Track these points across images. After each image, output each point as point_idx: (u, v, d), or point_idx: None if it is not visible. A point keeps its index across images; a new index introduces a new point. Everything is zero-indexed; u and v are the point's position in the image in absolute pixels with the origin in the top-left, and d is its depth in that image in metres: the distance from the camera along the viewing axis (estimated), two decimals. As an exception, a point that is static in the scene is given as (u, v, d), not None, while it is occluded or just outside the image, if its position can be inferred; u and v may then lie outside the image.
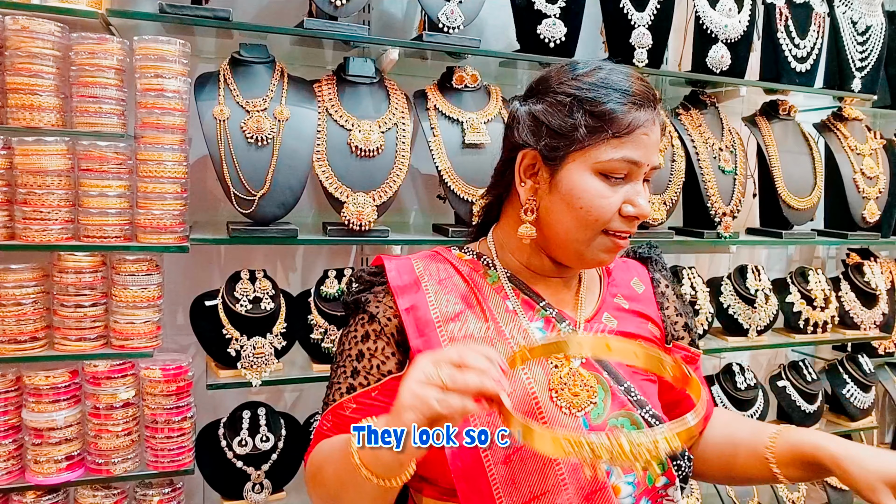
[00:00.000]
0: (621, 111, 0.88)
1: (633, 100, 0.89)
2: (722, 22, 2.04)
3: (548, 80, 0.95)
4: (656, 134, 0.92)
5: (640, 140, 0.89)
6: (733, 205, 2.13)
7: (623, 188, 0.90)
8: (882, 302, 2.46)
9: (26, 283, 1.52)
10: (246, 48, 1.68)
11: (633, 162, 0.89)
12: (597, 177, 0.90)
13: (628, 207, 0.90)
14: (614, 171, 0.89)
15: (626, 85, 0.90)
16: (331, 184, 1.69)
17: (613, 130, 0.88)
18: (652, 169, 0.93)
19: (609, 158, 0.89)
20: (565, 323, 0.96)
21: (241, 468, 1.73)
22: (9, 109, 1.47)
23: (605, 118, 0.88)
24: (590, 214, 0.90)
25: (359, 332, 0.95)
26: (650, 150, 0.91)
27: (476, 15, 1.82)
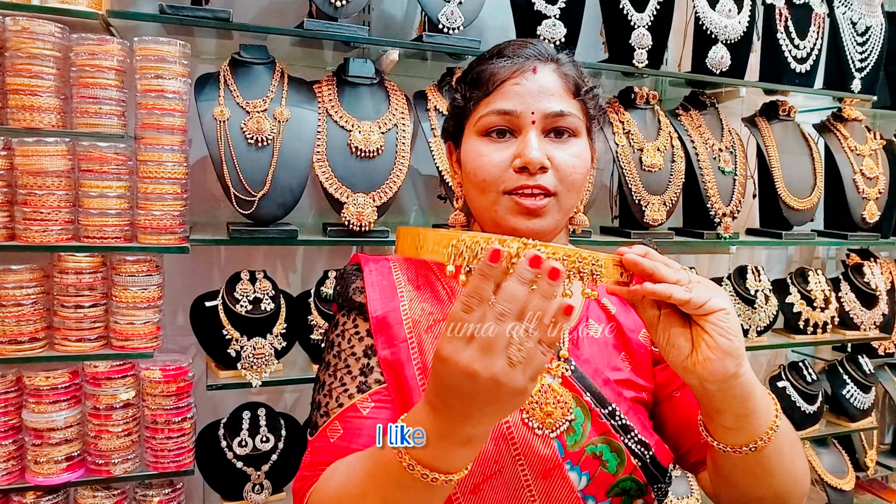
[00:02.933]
0: (489, 68, 0.88)
1: (503, 56, 0.89)
2: (722, 23, 2.04)
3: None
4: (539, 81, 0.86)
5: (510, 90, 0.86)
6: (733, 205, 2.13)
7: (513, 144, 0.87)
8: (882, 302, 2.46)
9: (26, 284, 1.52)
10: (246, 49, 1.68)
11: (506, 112, 0.86)
12: (480, 138, 0.88)
13: (517, 160, 0.85)
14: (490, 127, 0.87)
15: (503, 48, 0.91)
16: (331, 184, 1.69)
17: (485, 89, 0.88)
18: (554, 117, 0.86)
19: (479, 116, 0.88)
20: None
21: (241, 469, 1.74)
22: (9, 110, 1.47)
23: (475, 81, 0.90)
24: (477, 175, 0.87)
25: (360, 326, 0.90)
26: (528, 97, 0.86)
27: (476, 16, 1.82)
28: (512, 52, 0.89)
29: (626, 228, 2.05)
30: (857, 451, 2.62)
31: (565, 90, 0.88)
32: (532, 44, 0.91)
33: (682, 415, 0.93)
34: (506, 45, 0.92)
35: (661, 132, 2.06)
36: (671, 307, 0.75)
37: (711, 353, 0.72)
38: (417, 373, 0.85)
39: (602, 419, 0.86)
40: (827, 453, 2.52)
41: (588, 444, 0.85)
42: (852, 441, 2.63)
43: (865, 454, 2.60)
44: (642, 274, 0.74)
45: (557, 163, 0.86)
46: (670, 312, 0.76)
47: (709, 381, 0.73)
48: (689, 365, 0.73)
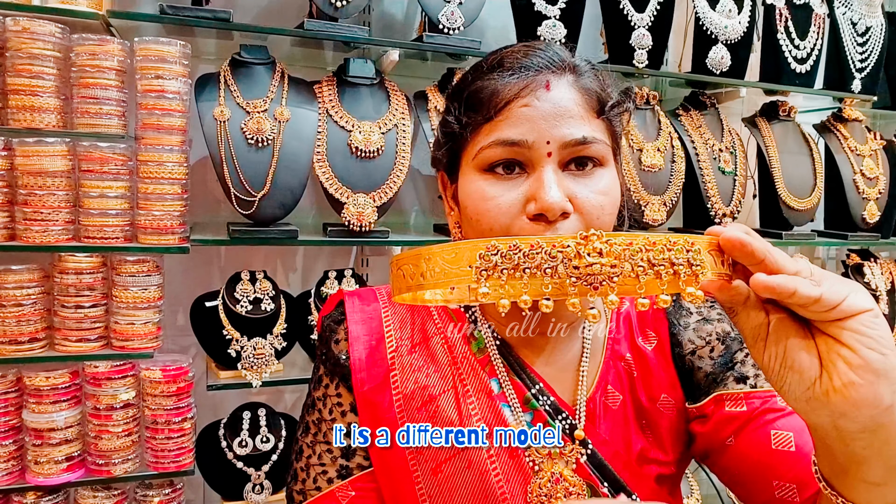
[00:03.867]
0: (489, 86, 0.69)
1: (507, 69, 0.69)
2: (722, 23, 2.04)
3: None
4: (554, 100, 0.68)
5: (518, 114, 0.67)
6: (733, 206, 2.13)
7: (525, 182, 0.68)
8: (882, 303, 2.46)
9: (27, 284, 1.52)
10: (246, 49, 1.68)
11: (513, 143, 0.67)
12: (482, 176, 0.70)
13: (531, 205, 0.67)
14: (494, 161, 0.68)
15: (506, 57, 0.71)
16: (331, 185, 1.69)
17: (483, 114, 0.69)
18: (575, 146, 0.68)
19: (480, 148, 0.69)
20: (560, 416, 0.75)
21: (241, 469, 1.73)
22: (9, 110, 1.47)
23: (472, 100, 0.70)
24: (480, 223, 0.69)
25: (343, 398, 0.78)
26: (541, 122, 0.67)
27: (476, 16, 1.82)
28: (516, 61, 0.70)
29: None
30: (857, 451, 2.62)
31: (587, 108, 0.70)
32: (540, 49, 0.72)
33: (746, 464, 0.72)
34: (508, 51, 0.72)
35: (662, 132, 2.06)
36: (785, 311, 0.54)
37: (856, 375, 0.49)
38: (409, 456, 0.74)
39: None
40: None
41: None
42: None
43: (866, 454, 2.59)
44: (750, 261, 0.52)
45: (581, 203, 0.67)
46: (784, 318, 0.53)
47: (851, 416, 0.50)
48: (817, 395, 0.51)
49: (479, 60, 0.75)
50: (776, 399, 0.73)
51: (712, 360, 0.78)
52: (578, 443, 0.74)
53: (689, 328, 0.80)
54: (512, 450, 0.74)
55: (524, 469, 0.73)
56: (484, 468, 0.73)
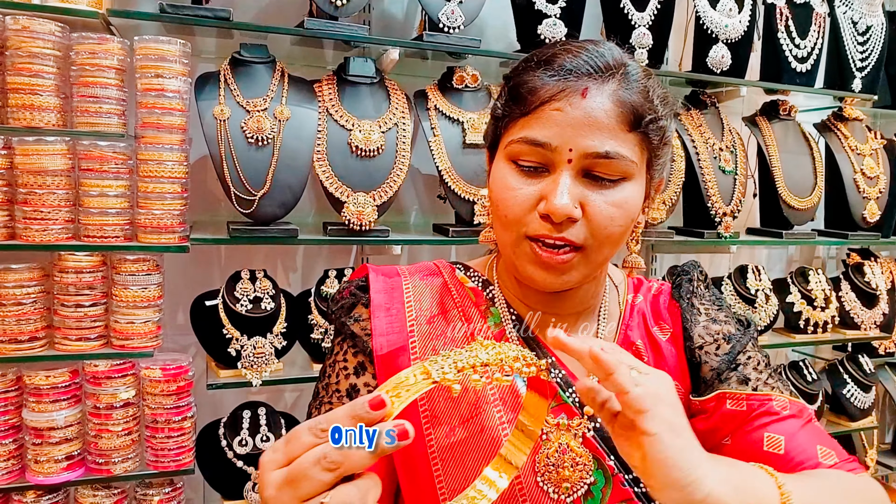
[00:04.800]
0: (530, 82, 0.72)
1: (549, 69, 0.71)
2: (722, 22, 2.04)
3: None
4: (586, 109, 0.69)
5: (549, 117, 0.70)
6: (733, 205, 2.13)
7: (543, 181, 0.71)
8: (882, 302, 2.46)
9: (27, 283, 1.52)
10: (246, 48, 1.68)
11: (539, 144, 0.70)
12: (509, 165, 0.73)
13: (542, 204, 0.70)
14: (519, 156, 0.72)
15: (556, 55, 0.72)
16: (331, 184, 1.69)
17: (519, 107, 0.72)
18: (597, 159, 0.70)
19: (510, 140, 0.73)
20: (571, 390, 0.78)
21: (241, 468, 1.73)
22: (9, 109, 1.47)
23: (514, 92, 0.73)
24: (499, 209, 0.74)
25: (348, 361, 0.80)
26: (569, 129, 0.69)
27: (476, 15, 1.82)
28: (563, 62, 0.71)
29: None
30: (857, 450, 2.62)
31: (619, 122, 0.70)
32: (592, 51, 0.72)
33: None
34: (560, 49, 0.73)
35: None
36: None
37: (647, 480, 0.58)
38: (424, 420, 0.77)
39: (625, 485, 0.76)
40: (827, 453, 2.52)
41: None
42: (853, 440, 2.63)
43: (866, 454, 2.60)
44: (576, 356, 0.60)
45: (591, 212, 0.70)
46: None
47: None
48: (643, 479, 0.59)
49: (534, 51, 0.77)
50: (773, 403, 0.78)
51: (718, 357, 0.82)
52: (587, 417, 0.77)
53: (699, 325, 0.85)
54: None
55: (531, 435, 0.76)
56: (496, 434, 0.76)
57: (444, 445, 0.77)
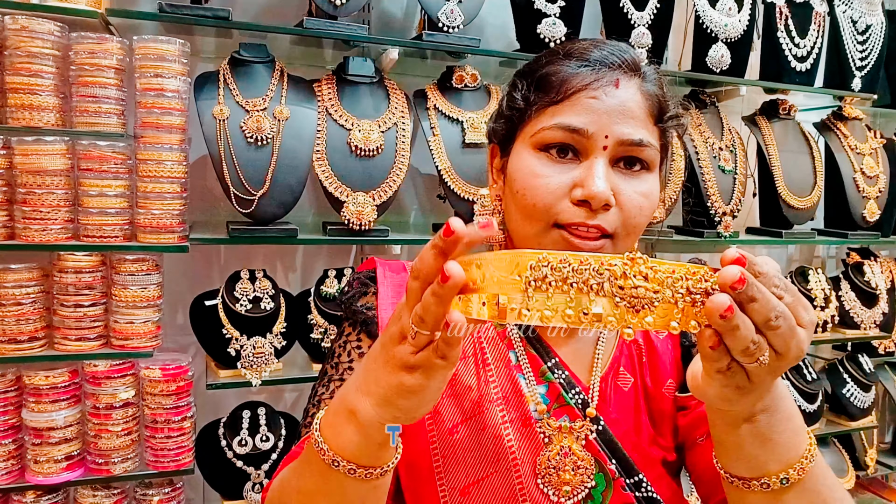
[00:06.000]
0: (562, 71, 0.73)
1: (582, 60, 0.73)
2: (722, 21, 2.04)
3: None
4: (620, 98, 0.71)
5: (584, 104, 0.71)
6: (733, 204, 2.13)
7: (575, 168, 0.72)
8: (882, 301, 2.46)
9: (26, 283, 1.52)
10: (246, 48, 1.68)
11: (574, 130, 0.71)
12: (536, 153, 0.73)
13: (577, 190, 0.70)
14: (552, 142, 0.72)
15: (584, 48, 0.74)
16: (330, 183, 1.68)
17: (549, 96, 0.73)
18: (630, 146, 0.71)
19: (541, 128, 0.73)
20: (575, 391, 0.79)
21: (241, 468, 1.73)
22: (8, 109, 1.47)
23: (542, 82, 0.74)
24: (525, 198, 0.72)
25: (362, 342, 0.81)
26: (604, 116, 0.70)
27: (476, 14, 1.82)
28: (592, 54, 0.74)
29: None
30: (857, 450, 2.62)
31: (647, 114, 0.74)
32: (616, 47, 0.75)
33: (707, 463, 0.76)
34: (585, 44, 0.76)
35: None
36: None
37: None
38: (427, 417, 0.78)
39: (626, 490, 0.76)
40: (827, 452, 2.52)
41: None
42: (852, 440, 2.63)
43: (865, 453, 2.60)
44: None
45: (623, 200, 0.71)
46: None
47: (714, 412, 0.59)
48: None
49: (554, 47, 0.80)
50: None
51: None
52: (590, 420, 0.78)
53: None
54: (525, 419, 0.77)
55: (535, 439, 0.76)
56: (497, 433, 0.76)
57: (445, 443, 0.77)
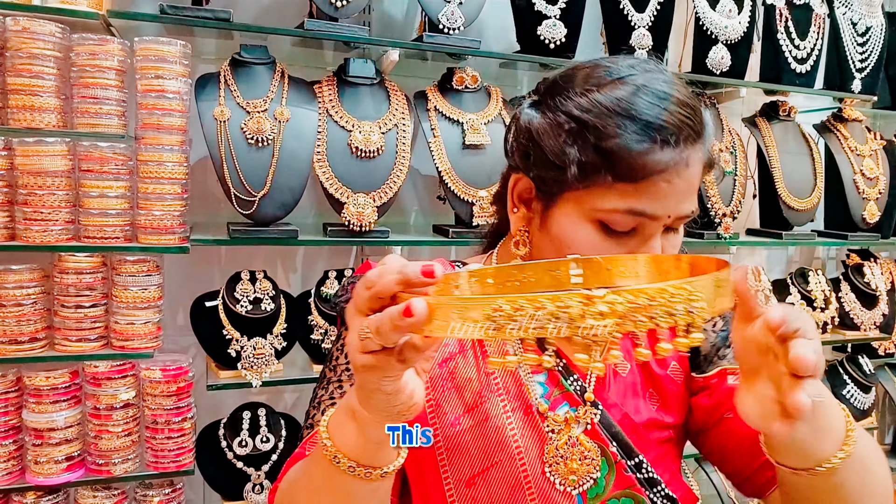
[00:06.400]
0: (634, 150, 0.67)
1: (657, 136, 0.67)
2: (722, 23, 2.04)
3: (561, 85, 0.74)
4: (688, 178, 0.69)
5: (657, 188, 0.68)
6: (733, 205, 2.13)
7: (632, 242, 0.71)
8: (882, 303, 2.46)
9: (27, 284, 1.52)
10: (246, 49, 1.68)
11: (645, 215, 0.69)
12: (593, 226, 0.71)
13: None
14: (616, 225, 0.70)
15: (652, 112, 0.68)
16: (331, 185, 1.69)
17: (619, 174, 0.68)
18: (679, 219, 0.72)
19: (610, 209, 0.69)
20: (573, 378, 0.81)
21: (241, 469, 1.74)
22: (9, 110, 1.47)
23: (610, 157, 0.68)
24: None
25: None
26: (672, 199, 0.69)
27: (476, 16, 1.82)
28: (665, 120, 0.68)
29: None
30: (857, 451, 2.62)
31: (701, 179, 0.74)
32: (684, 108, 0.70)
33: (739, 436, 0.79)
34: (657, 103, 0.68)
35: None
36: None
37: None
38: (429, 410, 0.78)
39: (627, 472, 0.79)
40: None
41: (610, 498, 0.78)
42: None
43: (865, 454, 2.60)
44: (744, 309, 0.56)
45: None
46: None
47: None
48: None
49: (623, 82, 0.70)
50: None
51: (715, 333, 0.85)
52: (590, 404, 0.80)
53: None
54: (527, 408, 0.78)
55: (539, 430, 0.78)
56: (500, 423, 0.78)
57: (448, 435, 0.78)
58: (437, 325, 0.48)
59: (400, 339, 0.51)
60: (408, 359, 0.52)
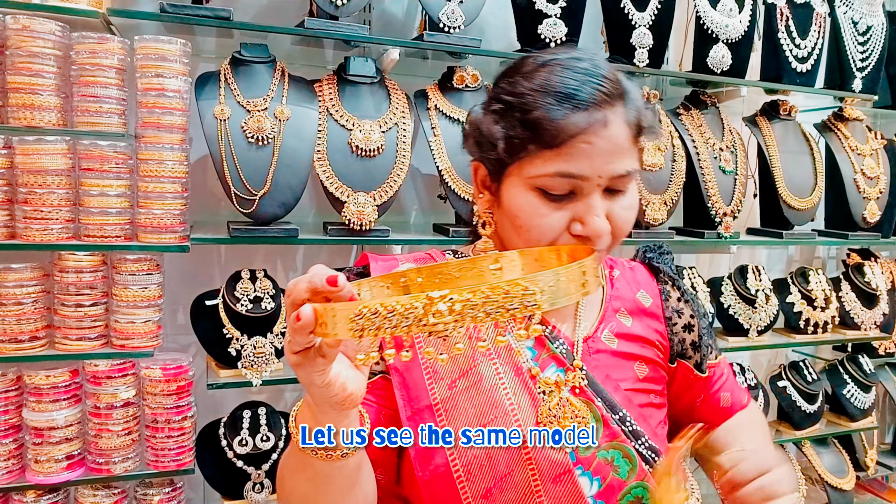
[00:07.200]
0: (552, 118, 0.75)
1: (571, 103, 0.75)
2: (723, 22, 2.04)
3: (498, 78, 0.84)
4: (609, 138, 0.76)
5: (578, 150, 0.75)
6: (734, 205, 2.13)
7: (572, 204, 0.78)
8: (882, 302, 2.46)
9: (27, 283, 1.52)
10: (247, 48, 1.68)
11: (572, 176, 0.76)
12: (534, 194, 0.78)
13: (576, 226, 0.78)
14: (551, 188, 0.77)
15: (568, 84, 0.76)
16: (331, 183, 1.69)
17: (542, 142, 0.76)
18: (618, 178, 0.78)
19: (542, 174, 0.77)
20: (559, 342, 0.87)
21: (241, 468, 1.73)
22: (10, 109, 1.47)
23: (534, 128, 0.76)
24: (529, 233, 0.79)
25: None
26: (598, 159, 0.76)
27: (477, 15, 1.82)
28: (579, 92, 0.76)
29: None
30: (857, 450, 2.62)
31: (630, 141, 0.79)
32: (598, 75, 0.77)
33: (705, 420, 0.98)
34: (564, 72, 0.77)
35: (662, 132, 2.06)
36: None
37: None
38: (427, 377, 0.83)
39: (613, 424, 0.85)
40: (827, 453, 2.52)
41: (600, 450, 0.84)
42: (852, 441, 2.63)
43: (866, 454, 2.60)
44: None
45: (614, 219, 0.79)
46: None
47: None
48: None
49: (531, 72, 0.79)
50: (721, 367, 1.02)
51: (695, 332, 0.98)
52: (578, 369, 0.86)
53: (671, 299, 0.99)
54: (517, 369, 0.84)
55: (531, 390, 0.84)
56: (493, 384, 0.83)
57: (446, 397, 0.83)
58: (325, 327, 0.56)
59: (308, 341, 0.58)
60: (326, 354, 0.60)
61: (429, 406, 0.82)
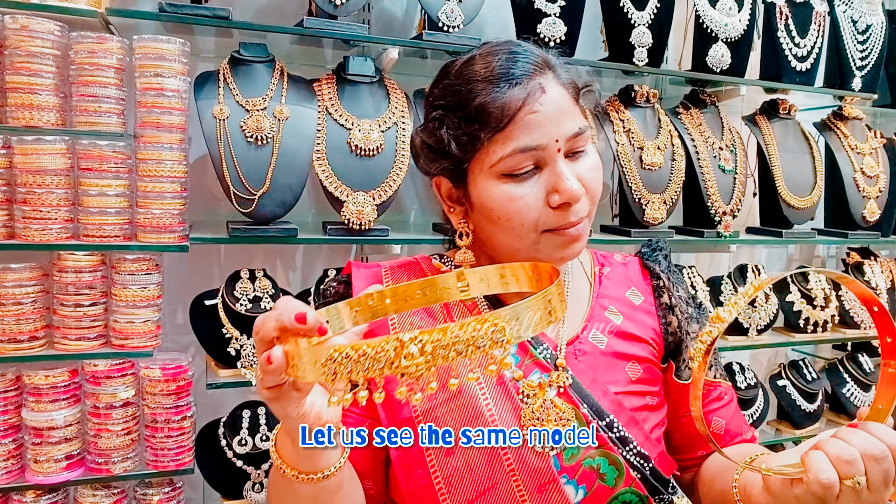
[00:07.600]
0: (493, 99, 0.76)
1: (502, 81, 0.77)
2: (722, 21, 2.04)
3: (426, 95, 0.86)
4: (552, 101, 0.77)
5: (527, 122, 0.76)
6: (733, 204, 2.13)
7: (541, 178, 0.79)
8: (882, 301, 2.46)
9: (26, 283, 1.52)
10: (246, 47, 1.68)
11: (530, 149, 0.77)
12: (501, 180, 0.79)
13: (553, 197, 0.78)
14: (516, 168, 0.78)
15: (494, 67, 0.78)
16: (330, 183, 1.68)
17: (490, 127, 0.77)
18: (574, 138, 0.79)
19: (500, 157, 0.77)
20: (543, 346, 0.86)
21: (241, 467, 1.73)
22: (8, 108, 1.47)
23: (478, 116, 0.77)
24: (510, 222, 0.79)
25: None
26: (548, 125, 0.77)
27: (476, 14, 1.82)
28: (512, 70, 0.78)
29: (626, 227, 2.05)
30: (857, 449, 2.62)
31: (572, 100, 0.81)
32: (522, 52, 0.80)
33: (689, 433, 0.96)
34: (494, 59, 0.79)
35: (662, 131, 2.05)
36: None
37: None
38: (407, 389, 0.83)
39: (599, 431, 0.83)
40: (827, 452, 2.52)
41: (585, 458, 0.82)
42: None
43: (865, 453, 2.59)
44: None
45: (585, 181, 0.80)
46: None
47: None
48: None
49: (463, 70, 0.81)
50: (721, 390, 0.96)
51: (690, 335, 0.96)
52: (562, 369, 0.85)
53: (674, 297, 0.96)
54: (499, 378, 0.84)
55: (512, 398, 0.83)
56: (473, 393, 0.83)
57: (426, 409, 0.82)
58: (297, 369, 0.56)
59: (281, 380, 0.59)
60: (301, 388, 0.61)
61: (409, 418, 0.82)
